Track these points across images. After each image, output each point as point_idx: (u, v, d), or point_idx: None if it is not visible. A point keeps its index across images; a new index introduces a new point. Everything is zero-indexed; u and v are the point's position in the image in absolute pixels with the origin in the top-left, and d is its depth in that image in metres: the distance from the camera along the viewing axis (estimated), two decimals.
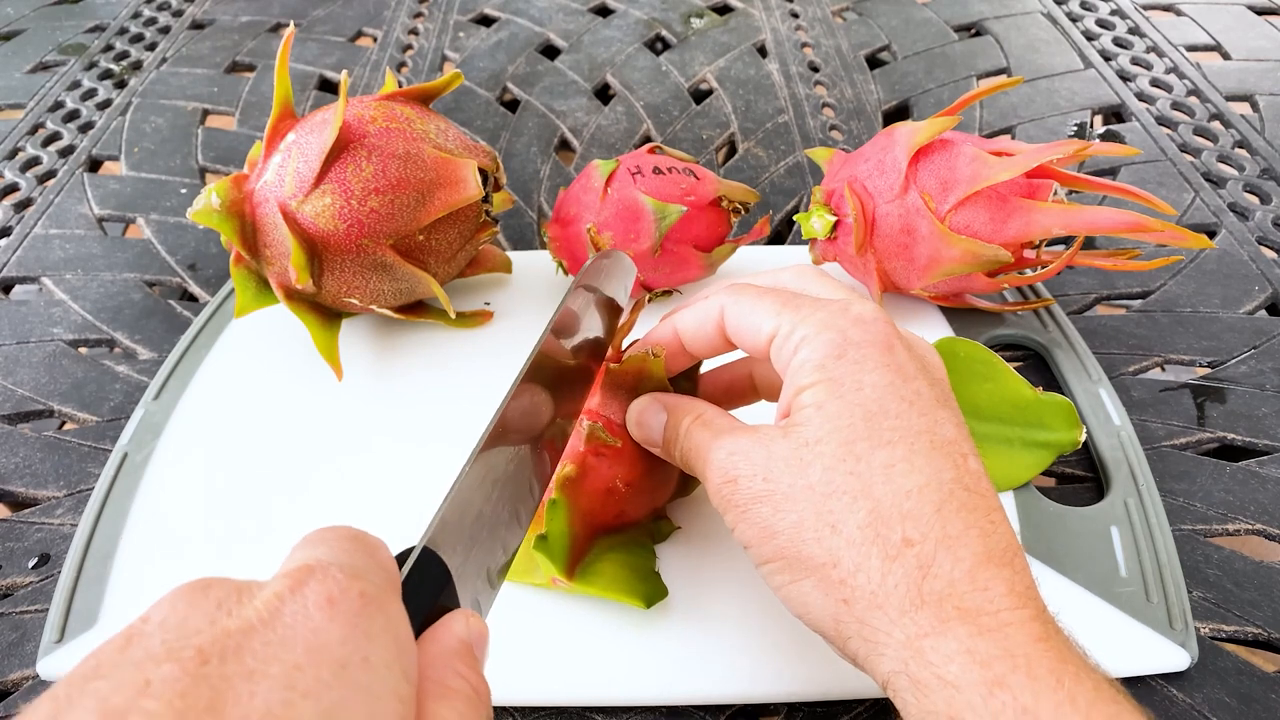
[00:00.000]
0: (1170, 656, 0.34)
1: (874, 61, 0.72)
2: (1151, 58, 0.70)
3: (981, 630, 0.23)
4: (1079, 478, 0.42)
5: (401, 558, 0.24)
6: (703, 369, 0.37)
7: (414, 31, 0.76)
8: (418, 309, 0.47)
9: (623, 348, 0.36)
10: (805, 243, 0.49)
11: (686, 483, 0.38)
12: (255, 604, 0.19)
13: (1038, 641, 0.23)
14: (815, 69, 0.70)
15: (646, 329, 0.35)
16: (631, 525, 0.36)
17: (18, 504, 0.43)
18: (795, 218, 0.48)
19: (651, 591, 0.35)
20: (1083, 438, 0.41)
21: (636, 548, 0.36)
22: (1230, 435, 0.43)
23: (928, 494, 0.25)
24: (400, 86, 0.45)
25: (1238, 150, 0.61)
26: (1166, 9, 0.76)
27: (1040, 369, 0.46)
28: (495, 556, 0.28)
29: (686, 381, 0.35)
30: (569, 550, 0.34)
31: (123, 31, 0.77)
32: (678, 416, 0.31)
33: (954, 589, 0.24)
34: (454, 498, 0.26)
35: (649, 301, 0.37)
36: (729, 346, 0.32)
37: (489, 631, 0.25)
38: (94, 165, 0.63)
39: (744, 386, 0.35)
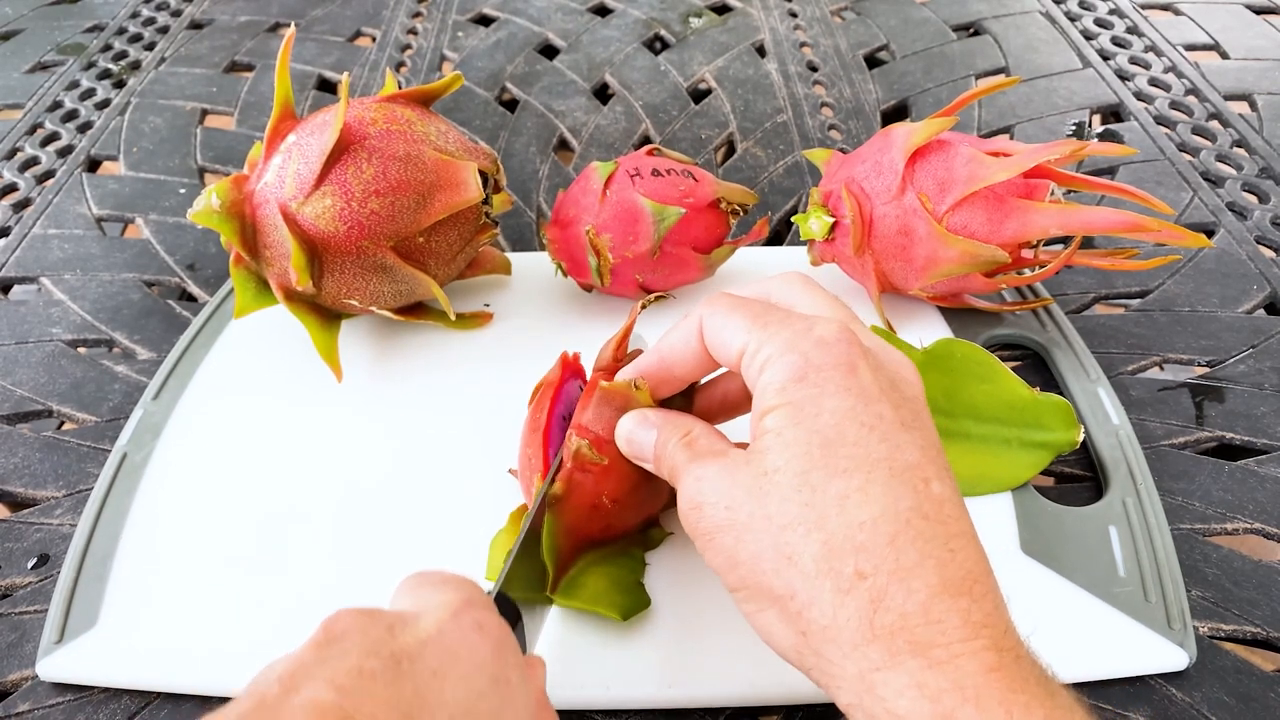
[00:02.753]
0: (1169, 656, 0.34)
1: (872, 61, 0.72)
2: (1150, 57, 0.70)
3: (932, 663, 0.23)
4: (1077, 477, 0.42)
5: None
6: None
7: (413, 31, 0.76)
8: (417, 310, 0.47)
9: (618, 359, 0.36)
10: (804, 244, 0.49)
11: None
12: (423, 624, 0.24)
13: (989, 672, 0.23)
14: (814, 68, 0.70)
15: (649, 330, 0.35)
16: (620, 537, 0.36)
17: (17, 504, 0.43)
18: (793, 219, 0.48)
19: (631, 604, 0.35)
20: (1081, 437, 0.41)
21: (623, 559, 0.36)
22: (1229, 434, 0.44)
23: (881, 525, 0.24)
24: (399, 87, 0.45)
25: (1236, 149, 0.61)
26: (1165, 8, 0.76)
27: (1038, 369, 0.47)
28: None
29: (681, 397, 0.35)
30: (554, 565, 0.34)
31: (121, 31, 0.77)
32: (665, 435, 0.31)
33: (906, 622, 0.23)
34: (520, 548, 0.32)
35: (643, 309, 0.37)
36: (713, 364, 0.32)
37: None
38: (93, 165, 0.63)
39: (738, 397, 0.35)
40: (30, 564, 0.40)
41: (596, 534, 0.35)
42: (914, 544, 0.24)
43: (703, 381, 0.36)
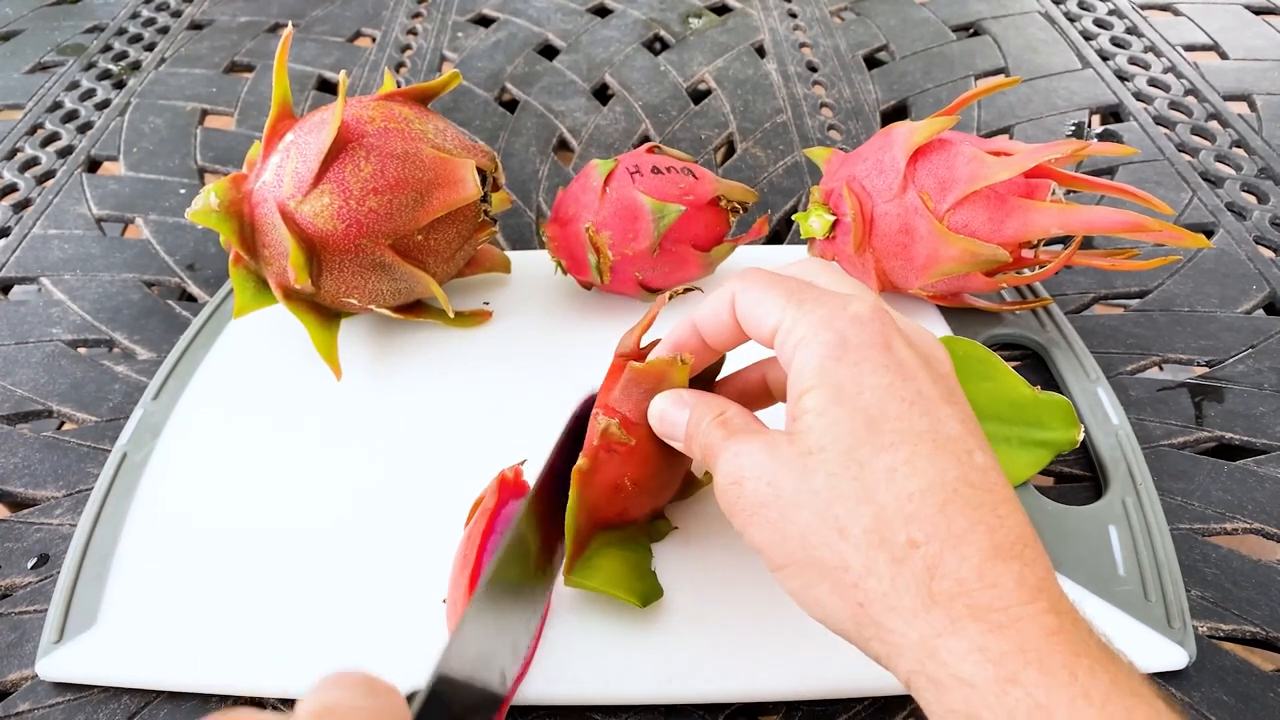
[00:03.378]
0: (1168, 655, 0.34)
1: (872, 61, 0.72)
2: (1149, 57, 0.70)
3: (993, 627, 0.23)
4: (1077, 477, 0.42)
5: (409, 697, 0.26)
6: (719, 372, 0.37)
7: (412, 32, 0.76)
8: (416, 309, 0.47)
9: (642, 345, 0.35)
10: (804, 242, 0.49)
11: (688, 486, 0.38)
12: None
13: (1050, 635, 0.23)
14: (813, 69, 0.70)
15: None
16: (631, 524, 0.36)
17: (17, 504, 0.43)
18: (794, 217, 0.48)
19: (648, 590, 0.35)
20: (1081, 437, 0.41)
21: (635, 545, 0.36)
22: (1228, 434, 0.43)
23: (931, 495, 0.25)
24: (399, 86, 0.45)
25: (1235, 150, 0.61)
26: (1164, 9, 0.76)
27: (1038, 368, 0.46)
28: (494, 685, 0.30)
29: (703, 386, 0.35)
30: (571, 544, 0.34)
31: (121, 32, 0.77)
32: (699, 413, 0.31)
33: (963, 587, 0.24)
34: (454, 641, 0.28)
35: (670, 299, 0.36)
36: (744, 336, 0.32)
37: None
38: (93, 165, 0.63)
39: (758, 390, 0.35)
40: (30, 564, 0.40)
41: (613, 517, 0.35)
42: (963, 511, 0.25)
43: (719, 377, 0.36)
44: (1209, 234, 0.55)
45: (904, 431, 0.26)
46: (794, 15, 0.77)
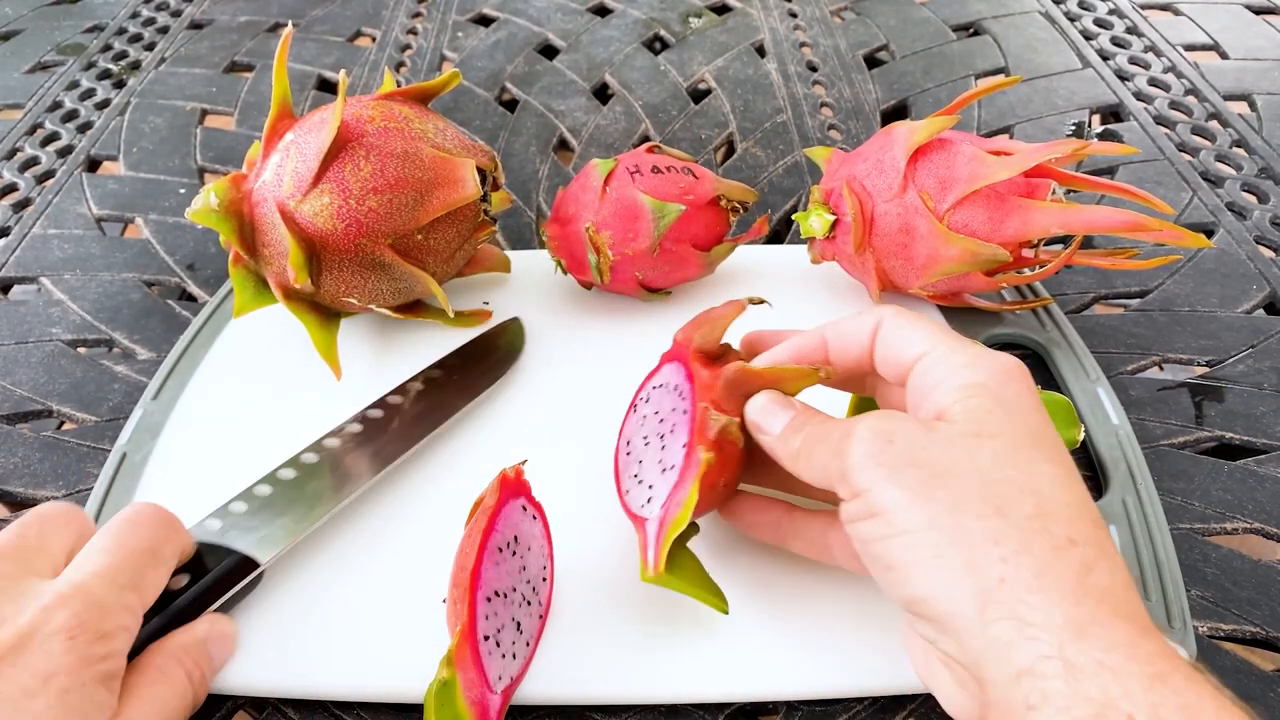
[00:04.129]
0: None
1: (872, 61, 0.72)
2: (1149, 57, 0.70)
3: (1143, 631, 0.24)
4: None
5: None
6: None
7: (412, 31, 0.76)
8: (416, 308, 0.47)
9: (721, 346, 0.35)
10: (804, 242, 0.49)
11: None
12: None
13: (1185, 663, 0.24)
14: (814, 68, 0.70)
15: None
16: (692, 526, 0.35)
17: (16, 504, 0.43)
18: (794, 217, 0.48)
19: (723, 599, 0.34)
20: (1081, 437, 0.41)
21: (690, 552, 0.35)
22: (1228, 434, 0.43)
23: (1086, 511, 0.27)
24: (399, 86, 0.45)
25: (1235, 149, 0.61)
26: (1164, 8, 0.76)
27: (1038, 368, 0.46)
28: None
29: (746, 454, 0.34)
30: (670, 539, 0.32)
31: (121, 31, 0.77)
32: (807, 414, 0.32)
33: (1113, 594, 0.25)
34: None
35: (749, 305, 0.36)
36: (866, 365, 0.32)
37: (235, 635, 0.34)
38: (92, 165, 0.63)
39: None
40: None
41: (695, 517, 0.34)
42: (1108, 538, 0.27)
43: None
44: (1209, 234, 0.55)
45: (1059, 457, 0.28)
46: (794, 15, 0.77)
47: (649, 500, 0.34)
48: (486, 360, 0.45)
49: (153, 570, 0.32)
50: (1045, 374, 0.46)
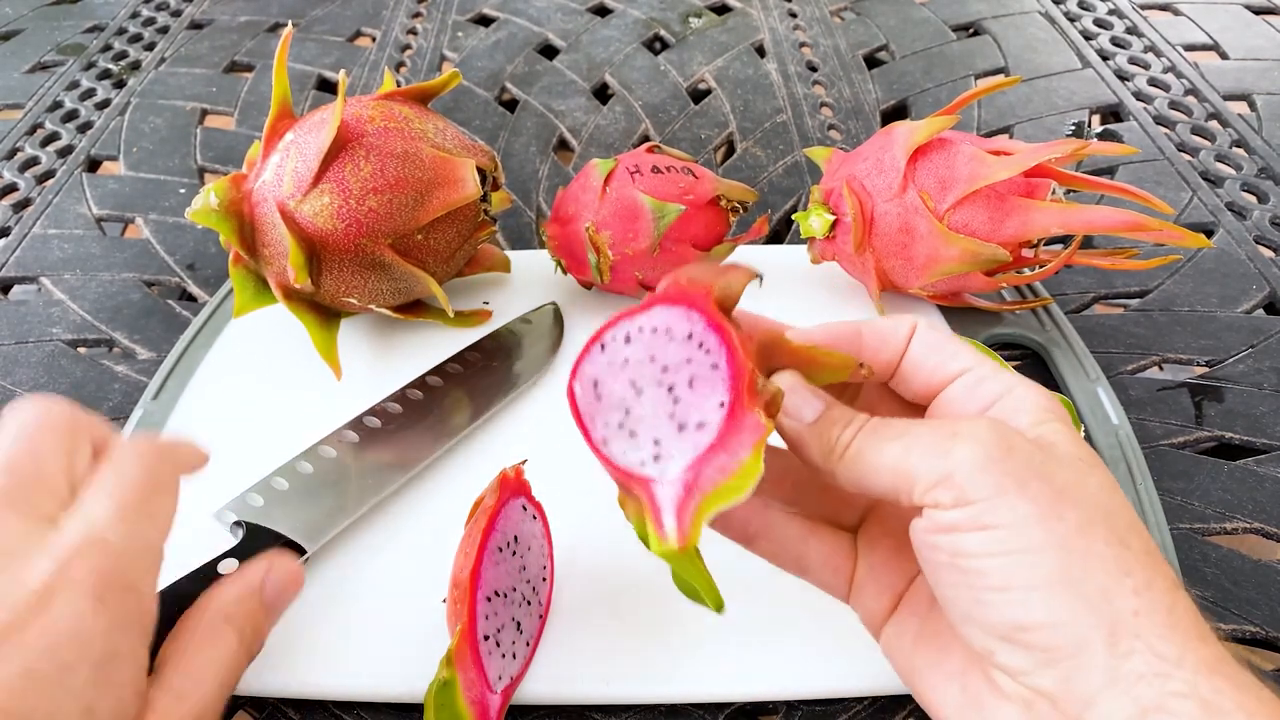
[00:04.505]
0: None
1: (872, 61, 0.72)
2: (1149, 57, 0.70)
3: (1228, 667, 0.23)
4: None
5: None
6: None
7: (412, 31, 0.76)
8: (416, 308, 0.47)
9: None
10: (804, 242, 0.49)
11: None
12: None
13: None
14: (813, 68, 0.70)
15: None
16: None
17: None
18: (794, 217, 0.48)
19: (719, 598, 0.30)
20: (1081, 437, 0.41)
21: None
22: (1228, 434, 0.43)
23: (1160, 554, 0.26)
24: (399, 86, 0.45)
25: (1235, 149, 0.61)
26: (1164, 8, 0.76)
27: (1038, 368, 0.46)
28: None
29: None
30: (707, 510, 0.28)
31: (121, 31, 0.77)
32: (841, 410, 0.28)
33: (1195, 629, 0.24)
34: None
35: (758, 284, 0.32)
36: (887, 369, 0.30)
37: (300, 573, 0.30)
38: (92, 165, 0.63)
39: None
40: None
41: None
42: None
43: None
44: (1209, 233, 0.55)
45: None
46: (794, 15, 0.77)
47: (656, 458, 0.29)
48: (525, 353, 0.46)
49: (158, 497, 0.28)
50: (1045, 374, 0.46)
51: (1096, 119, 0.65)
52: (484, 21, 0.78)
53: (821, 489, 0.31)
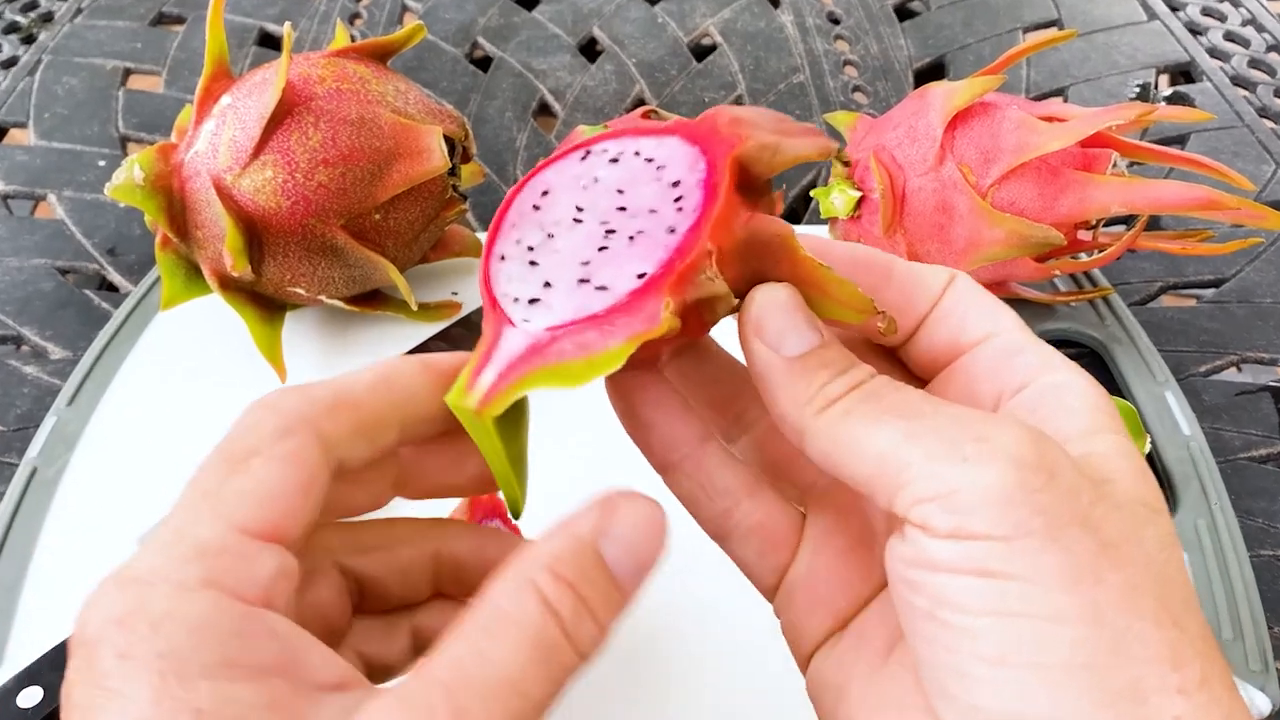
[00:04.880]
0: (1248, 701, 0.34)
1: (903, 12, 0.72)
2: (1225, 8, 0.70)
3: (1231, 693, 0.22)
4: None
5: None
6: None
7: None
8: (374, 300, 0.47)
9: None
10: (824, 223, 0.49)
11: None
12: None
13: None
14: (835, 20, 0.70)
15: None
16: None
17: None
18: (813, 193, 0.48)
19: (524, 491, 0.27)
20: (1146, 449, 0.41)
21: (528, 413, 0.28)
22: None
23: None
24: (353, 41, 0.45)
25: None
26: None
27: (1097, 369, 0.47)
28: None
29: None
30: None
31: None
32: (840, 351, 0.24)
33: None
34: None
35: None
36: (907, 330, 0.26)
37: (665, 522, 0.22)
38: None
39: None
40: None
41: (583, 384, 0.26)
42: None
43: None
44: None
45: None
46: None
47: (532, 301, 0.26)
48: None
49: (229, 468, 0.23)
50: (1105, 376, 0.46)
51: (1164, 80, 0.65)
52: None
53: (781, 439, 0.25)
